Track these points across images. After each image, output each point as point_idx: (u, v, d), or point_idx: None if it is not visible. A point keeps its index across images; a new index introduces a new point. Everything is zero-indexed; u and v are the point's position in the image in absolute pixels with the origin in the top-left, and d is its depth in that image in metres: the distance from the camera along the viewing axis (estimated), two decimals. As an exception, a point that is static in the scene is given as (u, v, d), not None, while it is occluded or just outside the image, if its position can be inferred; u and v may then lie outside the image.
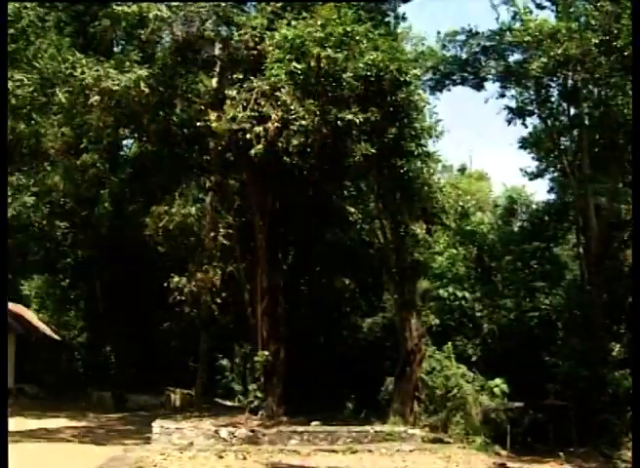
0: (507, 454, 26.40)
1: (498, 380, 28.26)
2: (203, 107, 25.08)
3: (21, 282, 58.54)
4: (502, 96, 38.64)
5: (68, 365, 52.30)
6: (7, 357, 13.23)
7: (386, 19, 29.59)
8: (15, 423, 28.40)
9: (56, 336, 52.72)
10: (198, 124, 24.67)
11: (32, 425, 28.33)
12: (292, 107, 22.32)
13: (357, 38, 23.14)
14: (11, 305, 48.98)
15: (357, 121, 22.35)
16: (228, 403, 40.70)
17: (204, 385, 36.96)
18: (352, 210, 33.04)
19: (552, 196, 42.99)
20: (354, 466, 20.45)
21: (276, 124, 22.47)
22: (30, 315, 53.41)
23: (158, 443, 22.42)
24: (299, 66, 22.47)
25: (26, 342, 46.29)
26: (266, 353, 25.77)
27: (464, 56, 37.97)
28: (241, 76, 24.62)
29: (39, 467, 19.88)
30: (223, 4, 25.10)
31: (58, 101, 24.73)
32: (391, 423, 25.00)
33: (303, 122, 22.03)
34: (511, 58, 37.01)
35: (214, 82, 27.16)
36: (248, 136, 22.80)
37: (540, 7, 35.83)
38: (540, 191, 79.17)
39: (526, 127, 39.81)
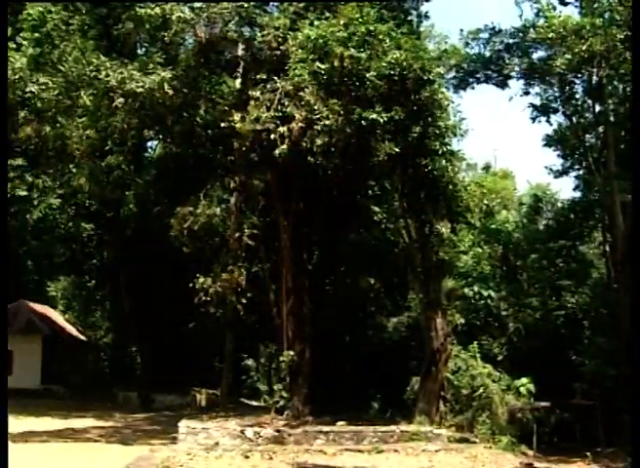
0: (534, 454, 26.23)
1: (524, 380, 28.12)
2: (227, 108, 25.09)
3: (48, 283, 59.09)
4: (527, 93, 38.45)
5: (94, 365, 52.77)
6: (7, 356, 13.37)
7: (409, 18, 29.48)
8: (42, 423, 28.79)
9: (82, 337, 53.12)
10: (222, 125, 24.65)
11: (59, 425, 28.58)
12: (315, 107, 22.28)
13: (380, 37, 23.06)
14: (37, 306, 49.53)
15: (381, 120, 22.26)
16: (254, 403, 40.76)
17: (229, 385, 37.00)
18: (377, 209, 33.05)
19: (578, 194, 42.73)
20: (380, 466, 20.39)
21: (300, 124, 22.45)
22: (57, 316, 53.85)
23: (184, 443, 22.49)
24: (322, 66, 22.44)
25: (53, 343, 46.71)
26: (292, 353, 25.77)
27: (488, 53, 37.74)
28: (264, 77, 24.63)
29: (67, 466, 20.01)
30: (246, 5, 25.14)
31: (82, 104, 24.88)
32: (417, 423, 24.89)
33: (327, 122, 21.99)
34: (535, 56, 36.82)
35: (237, 83, 27.26)
36: (272, 136, 22.80)
37: (563, 3, 35.59)
38: (565, 189, 78.53)
39: (550, 124, 39.72)
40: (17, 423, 28.57)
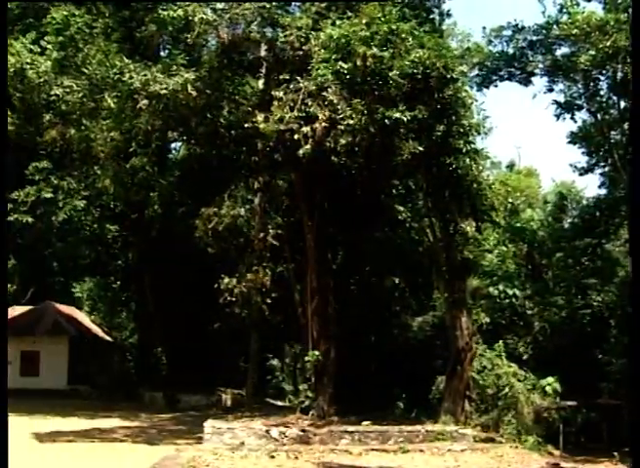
0: (560, 454, 26.09)
1: (550, 379, 27.90)
2: (250, 109, 25.14)
3: (74, 284, 59.55)
4: (550, 90, 38.23)
5: (120, 366, 53.04)
6: (7, 357, 13.34)
7: (431, 16, 29.45)
8: (69, 423, 29.02)
9: (108, 338, 53.49)
10: (245, 125, 24.69)
11: (86, 425, 28.76)
12: (339, 107, 22.27)
13: (402, 36, 23.00)
14: (64, 307, 49.96)
15: (404, 119, 22.19)
16: (279, 403, 40.81)
17: (255, 385, 37.11)
18: (401, 208, 32.93)
19: (603, 191, 42.40)
20: (406, 466, 20.34)
21: (323, 124, 22.41)
22: (83, 317, 54.29)
23: (210, 442, 22.54)
24: (345, 66, 22.41)
25: (79, 344, 47.06)
26: (317, 353, 25.75)
27: (511, 51, 37.55)
28: (287, 77, 24.61)
29: (94, 465, 20.15)
30: (268, 5, 25.16)
31: (107, 106, 25.00)
32: (442, 422, 24.82)
33: (351, 121, 21.96)
34: (559, 52, 36.56)
35: (260, 83, 27.30)
36: (295, 136, 22.78)
37: (587, -1, 35.35)
38: (590, 186, 77.99)
39: (575, 121, 39.38)
40: (44, 423, 28.91)
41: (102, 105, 25.18)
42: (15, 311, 51.12)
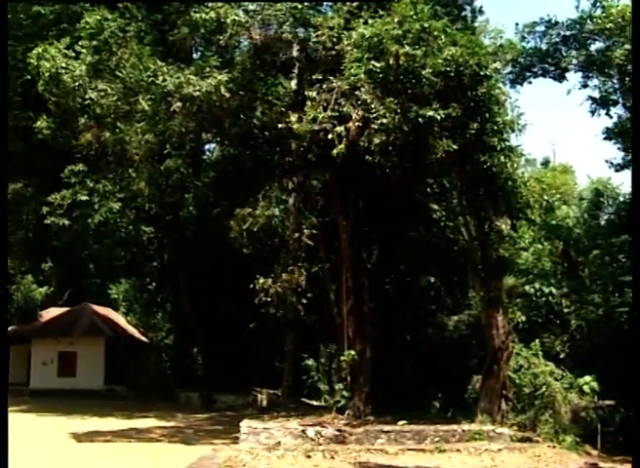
0: (598, 454, 25.85)
1: (587, 378, 27.68)
2: (283, 109, 25.11)
3: (110, 286, 60.15)
4: (585, 86, 37.87)
5: (156, 366, 53.53)
6: (8, 356, 13.51)
7: (463, 14, 29.34)
8: (106, 423, 29.36)
9: (144, 338, 53.96)
10: (279, 126, 24.65)
11: (123, 425, 29.08)
12: (372, 106, 22.18)
13: (435, 34, 22.84)
14: (100, 309, 50.51)
15: (438, 117, 22.05)
16: (315, 402, 40.94)
17: (290, 385, 37.17)
18: (436, 207, 32.79)
19: (640, 187, 41.83)
20: (443, 465, 20.26)
21: (357, 123, 22.35)
22: (119, 318, 54.82)
23: (246, 442, 22.62)
24: (377, 65, 22.30)
25: (115, 345, 47.53)
26: (352, 352, 25.70)
27: (544, 47, 37.26)
28: (320, 77, 24.55)
29: (132, 465, 20.33)
30: (300, 6, 25.16)
31: (141, 109, 25.17)
32: (479, 422, 24.69)
33: (384, 120, 21.86)
34: (593, 47, 36.24)
35: (293, 84, 27.27)
36: (329, 136, 22.70)
37: (620, -8, 34.96)
38: (627, 183, 77.01)
39: (610, 117, 38.94)
40: (82, 423, 29.29)
41: (137, 108, 25.35)
42: (52, 312, 51.87)
